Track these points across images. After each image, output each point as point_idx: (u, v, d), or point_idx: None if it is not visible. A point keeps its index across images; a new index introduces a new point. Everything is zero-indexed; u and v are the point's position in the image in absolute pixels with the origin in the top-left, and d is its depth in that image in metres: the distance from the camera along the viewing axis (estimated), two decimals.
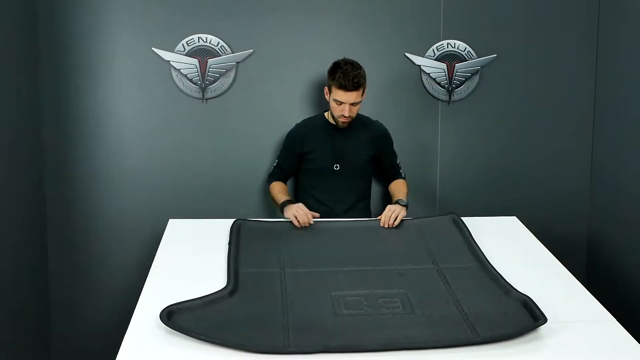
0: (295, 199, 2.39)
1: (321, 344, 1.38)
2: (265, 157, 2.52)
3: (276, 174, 2.37)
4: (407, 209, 2.16)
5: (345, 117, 2.18)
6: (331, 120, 2.30)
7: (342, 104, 2.16)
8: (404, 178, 2.41)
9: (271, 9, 2.44)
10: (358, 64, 2.17)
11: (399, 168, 2.41)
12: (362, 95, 2.19)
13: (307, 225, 2.07)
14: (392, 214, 2.08)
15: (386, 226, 2.08)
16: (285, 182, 2.38)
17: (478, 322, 1.50)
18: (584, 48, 2.59)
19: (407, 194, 2.32)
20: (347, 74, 2.11)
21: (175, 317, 1.48)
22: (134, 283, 1.94)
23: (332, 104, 2.19)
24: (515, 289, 1.64)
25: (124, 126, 2.45)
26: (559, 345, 1.43)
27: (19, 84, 2.23)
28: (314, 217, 2.10)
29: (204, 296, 1.57)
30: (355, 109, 2.19)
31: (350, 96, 2.13)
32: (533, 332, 1.47)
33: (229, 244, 1.91)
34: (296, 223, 2.07)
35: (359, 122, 2.31)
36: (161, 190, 2.49)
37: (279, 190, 2.29)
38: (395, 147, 2.43)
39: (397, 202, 2.18)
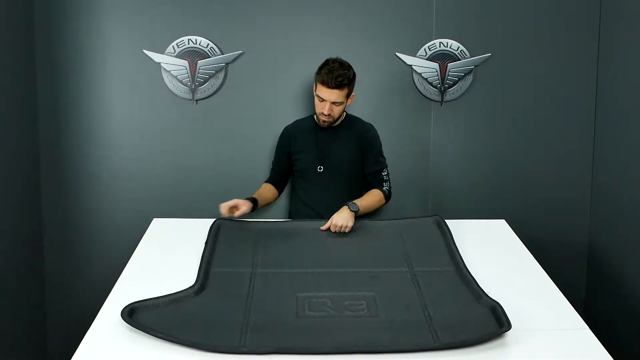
0: (290, 200, 2.42)
1: (274, 345, 1.37)
2: (255, 157, 2.52)
3: (271, 177, 2.37)
4: (355, 215, 2.04)
5: (325, 115, 2.15)
6: (319, 123, 2.27)
7: (324, 101, 2.13)
8: (385, 193, 2.21)
9: (260, 10, 2.45)
10: (348, 65, 2.13)
11: (383, 179, 2.23)
12: (347, 97, 2.15)
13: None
14: (339, 229, 1.99)
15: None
16: (279, 185, 2.35)
17: (442, 327, 1.46)
18: (584, 46, 2.50)
19: (370, 207, 2.15)
20: (332, 72, 2.08)
21: (137, 314, 1.48)
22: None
23: (315, 100, 2.17)
24: (486, 294, 1.58)
25: (117, 127, 2.49)
26: (523, 353, 1.38)
27: (15, 85, 2.30)
28: (236, 211, 2.06)
29: (169, 294, 1.58)
30: (336, 110, 2.15)
31: (331, 94, 2.10)
32: (499, 339, 1.42)
33: (206, 243, 1.92)
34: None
35: (347, 123, 2.27)
36: (152, 190, 2.52)
37: (259, 190, 2.29)
38: (386, 148, 2.34)
39: (346, 205, 2.05)
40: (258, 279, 1.71)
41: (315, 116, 2.30)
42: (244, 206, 2.08)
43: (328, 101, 2.12)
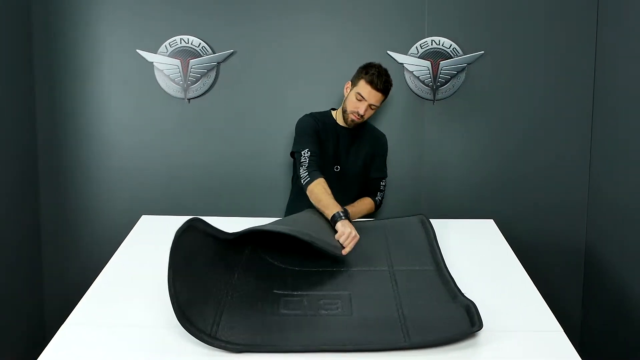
0: (292, 194, 2.35)
1: (244, 342, 1.37)
2: (248, 155, 2.53)
3: (315, 163, 2.06)
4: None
5: (358, 115, 2.13)
6: (339, 121, 2.25)
7: (362, 101, 2.11)
8: (376, 202, 2.25)
9: (252, 9, 2.45)
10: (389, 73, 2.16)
11: (379, 189, 2.27)
12: (380, 104, 2.16)
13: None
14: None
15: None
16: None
17: (414, 326, 1.44)
18: (581, 44, 2.45)
19: (360, 214, 2.15)
20: (381, 75, 2.10)
21: (188, 233, 1.47)
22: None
23: (352, 98, 2.14)
24: (462, 294, 1.57)
25: (112, 125, 2.53)
26: (493, 354, 1.36)
27: (14, 85, 2.36)
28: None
29: (220, 231, 1.59)
30: (369, 113, 2.15)
31: (374, 96, 2.10)
32: (471, 339, 1.41)
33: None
34: (342, 239, 1.80)
35: (364, 128, 2.27)
36: (147, 187, 2.55)
37: (326, 191, 1.96)
38: None
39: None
40: (245, 263, 1.68)
41: (334, 114, 2.28)
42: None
43: (367, 101, 2.11)
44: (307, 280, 1.69)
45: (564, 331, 1.45)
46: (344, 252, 1.78)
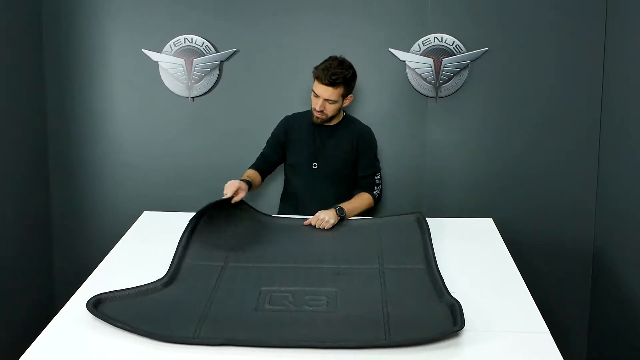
0: (280, 196, 2.39)
1: (225, 336, 1.39)
2: (250, 153, 2.53)
3: (256, 164, 2.29)
4: (341, 219, 2.03)
5: (317, 111, 2.15)
6: None
7: (318, 97, 2.13)
8: (375, 197, 2.23)
9: (254, 8, 2.48)
10: (348, 65, 2.13)
11: (375, 183, 2.24)
12: (342, 97, 2.15)
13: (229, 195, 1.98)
14: (319, 221, 2.00)
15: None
16: (264, 175, 2.29)
17: (397, 325, 1.44)
18: (588, 41, 2.39)
19: (358, 211, 2.14)
20: (328, 69, 2.09)
21: (103, 305, 1.52)
22: None
23: (312, 95, 2.17)
24: (449, 293, 1.55)
25: (119, 123, 2.59)
26: (474, 354, 1.34)
27: (26, 85, 2.45)
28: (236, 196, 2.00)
29: (136, 286, 1.62)
30: (329, 108, 2.15)
31: (324, 90, 2.10)
32: (454, 339, 1.40)
33: (185, 230, 1.89)
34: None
35: (345, 123, 2.27)
36: (151, 183, 2.61)
37: (246, 174, 2.19)
38: (380, 144, 2.34)
39: (334, 208, 2.04)
40: (227, 273, 1.73)
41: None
42: (244, 192, 2.03)
43: (321, 97, 2.12)
44: (295, 277, 1.70)
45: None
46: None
